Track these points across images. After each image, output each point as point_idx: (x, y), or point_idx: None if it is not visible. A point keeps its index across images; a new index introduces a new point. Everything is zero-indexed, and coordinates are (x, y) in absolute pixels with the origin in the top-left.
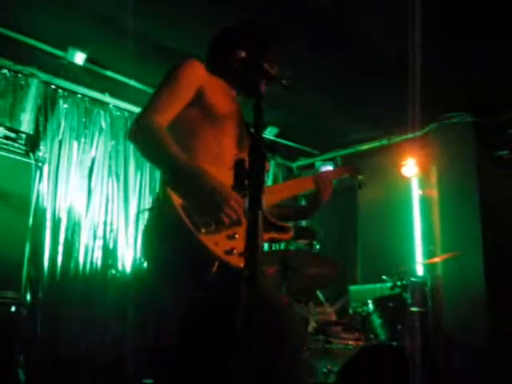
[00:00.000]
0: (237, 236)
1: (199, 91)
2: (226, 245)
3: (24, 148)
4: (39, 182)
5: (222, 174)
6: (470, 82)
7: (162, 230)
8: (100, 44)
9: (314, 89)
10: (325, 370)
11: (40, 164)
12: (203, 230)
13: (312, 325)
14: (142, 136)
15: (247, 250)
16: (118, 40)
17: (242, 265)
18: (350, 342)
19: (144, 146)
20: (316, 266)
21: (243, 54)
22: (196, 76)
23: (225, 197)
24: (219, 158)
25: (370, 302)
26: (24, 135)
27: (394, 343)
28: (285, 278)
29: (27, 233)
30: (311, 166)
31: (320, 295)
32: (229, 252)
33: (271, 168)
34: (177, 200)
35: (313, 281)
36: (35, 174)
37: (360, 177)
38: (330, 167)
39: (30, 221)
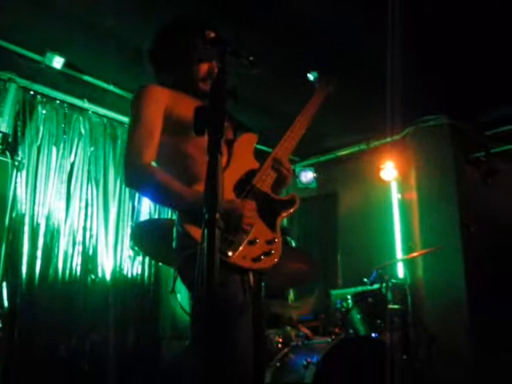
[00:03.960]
0: (257, 240)
1: (167, 113)
2: (251, 253)
3: (0, 147)
4: (15, 186)
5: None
6: (445, 85)
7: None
8: (78, 48)
9: (292, 96)
10: (304, 362)
11: (17, 163)
12: (230, 253)
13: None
14: (140, 185)
15: (206, 190)
16: (96, 44)
17: (271, 264)
18: (330, 338)
19: (146, 193)
20: (295, 261)
21: (212, 35)
22: (158, 101)
23: (239, 212)
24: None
25: (349, 297)
26: (0, 134)
27: (373, 335)
28: (264, 274)
29: (4, 233)
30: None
31: (290, 294)
32: (256, 259)
33: None
34: (197, 235)
35: (291, 277)
36: (12, 172)
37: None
38: (310, 173)
39: (7, 221)
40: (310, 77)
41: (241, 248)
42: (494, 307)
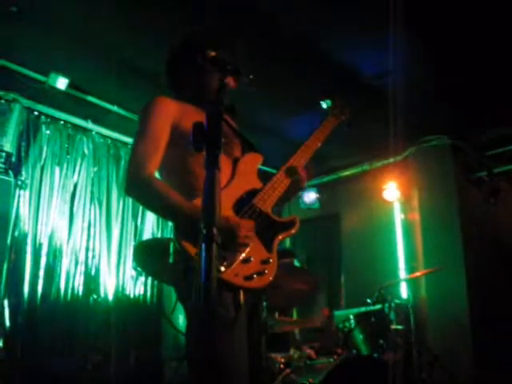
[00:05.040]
0: (252, 259)
1: (174, 126)
2: (244, 272)
3: (3, 166)
4: (17, 205)
5: (222, 197)
6: (447, 105)
7: (189, 281)
8: (82, 69)
9: (294, 115)
10: (306, 383)
11: (20, 183)
12: (222, 269)
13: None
14: (140, 194)
15: (203, 205)
16: (100, 65)
17: (263, 284)
18: (332, 358)
19: (145, 203)
20: (296, 280)
21: (213, 54)
22: (166, 114)
23: (234, 230)
24: None
25: (351, 317)
26: (4, 153)
27: (375, 355)
28: (264, 294)
29: (6, 252)
30: None
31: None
32: (249, 278)
33: None
34: (192, 250)
35: (292, 298)
36: (15, 192)
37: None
38: (313, 193)
39: (9, 241)
40: (324, 104)
41: (234, 265)
42: (497, 327)
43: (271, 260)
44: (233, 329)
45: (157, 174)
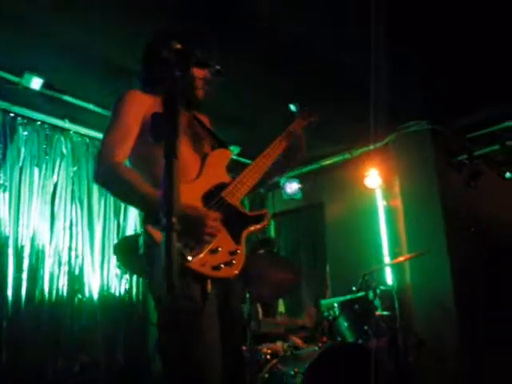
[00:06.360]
0: (220, 249)
1: (145, 119)
2: (211, 261)
3: None
4: None
5: (190, 189)
6: (425, 90)
7: (155, 265)
8: (57, 68)
9: (274, 106)
10: (292, 372)
11: None
12: (189, 258)
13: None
14: (108, 180)
15: (164, 197)
16: (75, 64)
17: (230, 274)
18: (317, 346)
19: (112, 189)
20: (279, 270)
21: (178, 46)
22: (138, 106)
23: (202, 220)
24: (182, 173)
25: (335, 305)
26: None
27: (359, 341)
28: (247, 284)
29: None
30: (276, 183)
31: (281, 306)
32: (216, 268)
33: None
34: (158, 237)
35: (276, 287)
36: None
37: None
38: (295, 183)
39: None
40: (292, 107)
41: (201, 255)
42: (483, 310)
43: (239, 251)
44: (201, 319)
45: (126, 163)
